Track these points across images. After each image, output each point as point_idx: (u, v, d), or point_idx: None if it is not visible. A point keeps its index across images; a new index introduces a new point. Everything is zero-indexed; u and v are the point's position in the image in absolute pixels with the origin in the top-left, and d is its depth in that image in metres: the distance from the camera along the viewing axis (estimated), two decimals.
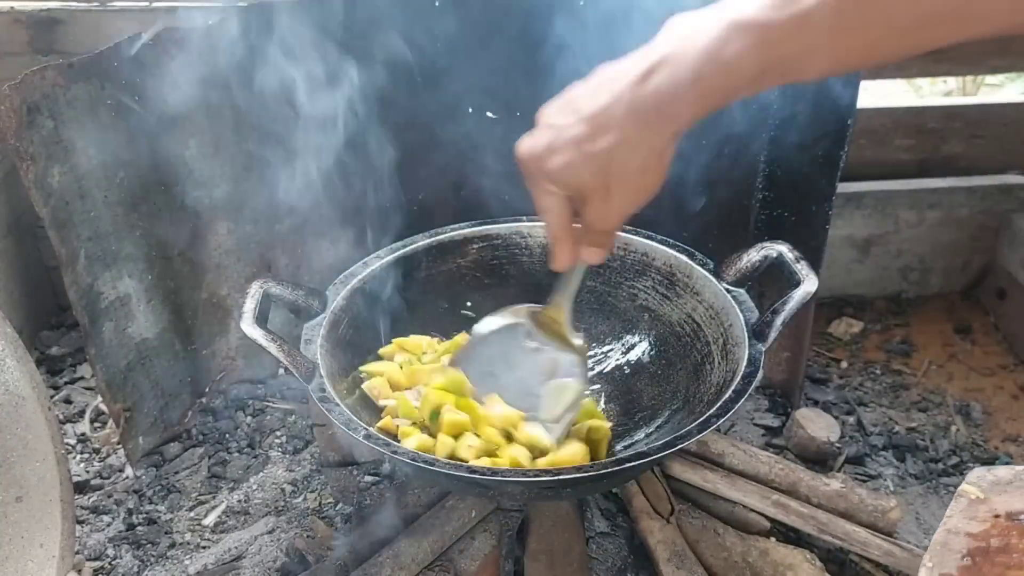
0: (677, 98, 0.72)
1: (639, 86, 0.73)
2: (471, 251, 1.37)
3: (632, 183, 0.79)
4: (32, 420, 1.01)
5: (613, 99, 0.75)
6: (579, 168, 0.78)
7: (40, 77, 1.12)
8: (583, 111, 0.77)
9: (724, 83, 0.70)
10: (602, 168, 0.77)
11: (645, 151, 0.76)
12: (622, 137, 0.75)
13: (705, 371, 1.15)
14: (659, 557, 1.14)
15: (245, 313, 1.06)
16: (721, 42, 0.68)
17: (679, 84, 0.71)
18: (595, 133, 0.76)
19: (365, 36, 1.35)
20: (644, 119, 0.74)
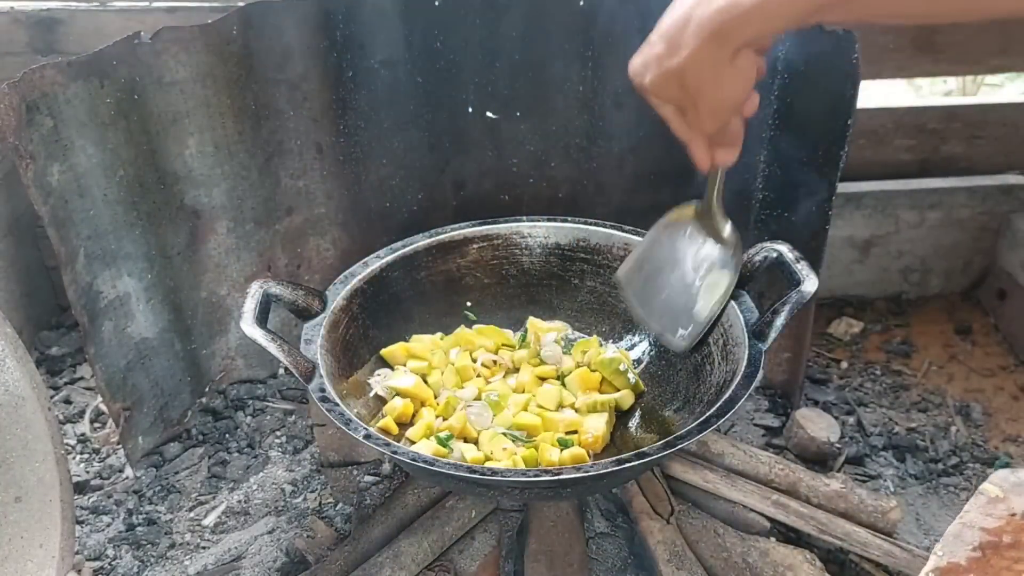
0: (739, 16, 0.74)
1: (704, 3, 0.76)
2: (471, 251, 1.37)
3: (710, 92, 0.83)
4: (32, 420, 1.00)
5: (682, 16, 0.79)
6: (663, 84, 0.84)
7: (39, 76, 1.12)
8: (663, 28, 0.82)
9: (784, 6, 0.72)
10: (680, 82, 0.82)
11: (713, 64, 0.79)
12: (690, 54, 0.79)
13: (705, 371, 1.15)
14: (659, 557, 1.14)
15: (245, 313, 1.06)
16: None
17: (740, 3, 0.73)
18: (670, 50, 0.81)
19: (365, 36, 1.35)
20: (707, 36, 0.77)
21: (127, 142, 1.25)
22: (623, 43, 1.37)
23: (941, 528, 1.34)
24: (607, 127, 1.45)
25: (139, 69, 1.22)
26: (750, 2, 0.73)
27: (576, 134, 1.47)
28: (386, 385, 1.20)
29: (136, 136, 1.26)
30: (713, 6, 0.76)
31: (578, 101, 1.43)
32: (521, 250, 1.38)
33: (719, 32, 0.76)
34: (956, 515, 1.35)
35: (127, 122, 1.24)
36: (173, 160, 1.32)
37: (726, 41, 0.77)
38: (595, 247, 1.34)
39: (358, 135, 1.44)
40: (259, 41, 1.30)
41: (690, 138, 0.93)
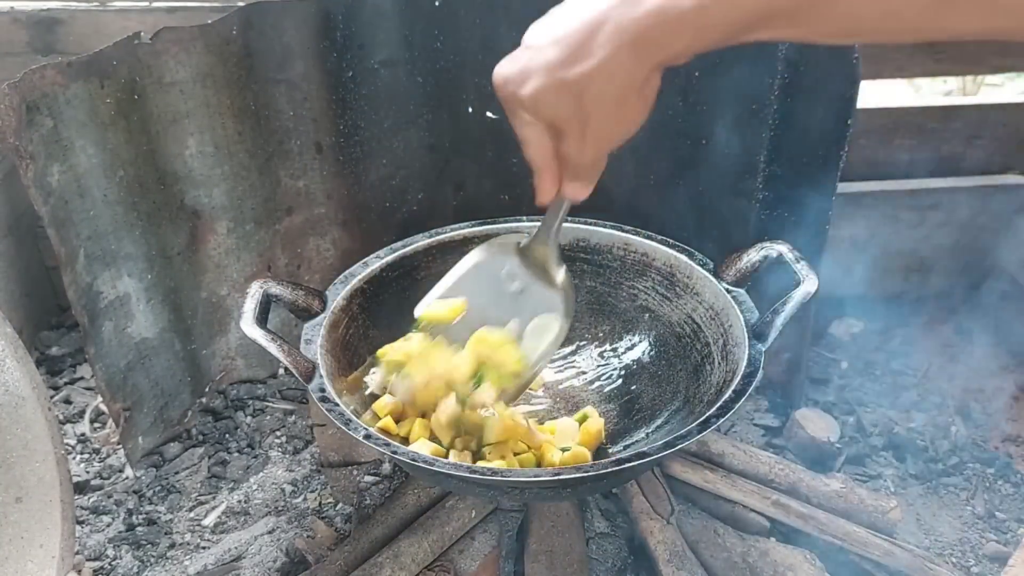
0: (671, 22, 0.63)
1: (627, 4, 0.64)
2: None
3: (610, 115, 0.71)
4: (32, 420, 1.00)
5: (594, 18, 0.66)
6: (552, 96, 0.70)
7: (39, 76, 1.12)
8: (560, 31, 0.69)
9: (728, 14, 0.61)
10: (576, 97, 0.69)
11: (625, 79, 0.68)
12: (600, 63, 0.67)
13: (705, 371, 1.15)
14: (659, 557, 1.14)
15: (245, 313, 1.06)
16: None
17: (677, 6, 0.62)
18: (571, 57, 0.68)
19: (365, 36, 1.35)
20: (628, 43, 0.65)
21: (127, 142, 1.25)
22: None
23: (941, 528, 1.35)
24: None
25: (139, 69, 1.22)
26: (686, 8, 0.62)
27: None
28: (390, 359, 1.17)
29: (136, 136, 1.26)
30: (639, 9, 0.64)
31: None
32: None
33: (642, 42, 0.65)
34: (956, 515, 1.36)
35: (127, 122, 1.24)
36: (173, 160, 1.32)
37: (648, 54, 0.66)
38: (595, 247, 1.34)
39: (358, 135, 1.44)
40: (259, 41, 1.30)
41: (546, 164, 0.79)
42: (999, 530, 1.35)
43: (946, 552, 1.31)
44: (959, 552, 1.31)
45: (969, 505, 1.40)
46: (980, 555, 1.30)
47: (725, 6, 0.61)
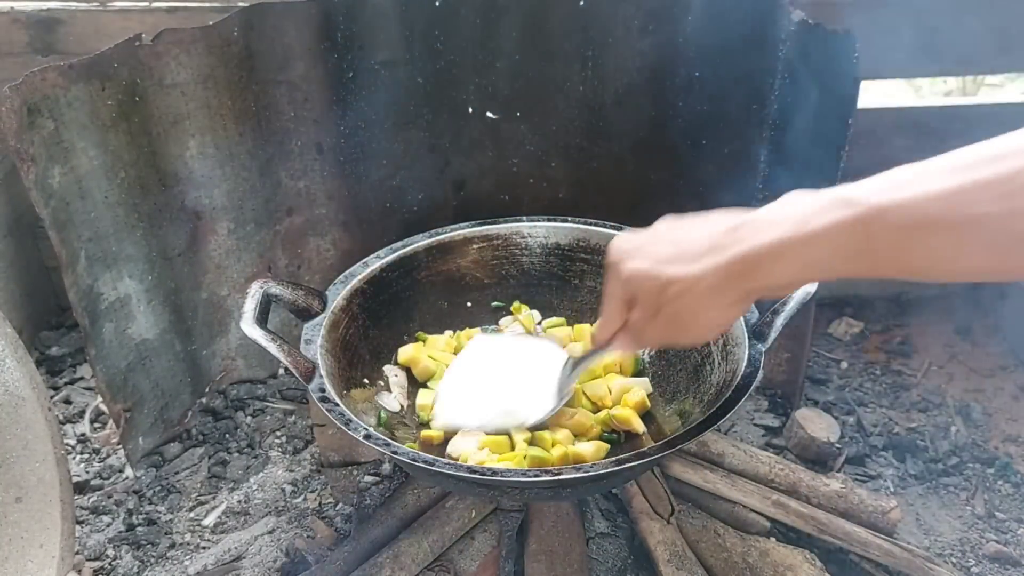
0: (753, 256, 0.70)
1: (726, 234, 0.73)
2: (471, 251, 1.37)
3: (685, 320, 0.80)
4: (32, 420, 1.01)
5: (709, 236, 0.75)
6: (643, 282, 0.81)
7: (40, 78, 1.12)
8: (680, 234, 0.80)
9: (805, 253, 0.67)
10: (661, 289, 0.79)
11: (708, 295, 0.76)
12: (693, 272, 0.75)
13: (705, 371, 1.15)
14: (659, 558, 1.14)
15: (245, 313, 1.06)
16: (817, 211, 0.66)
17: (759, 242, 0.70)
18: (675, 257, 0.78)
19: (366, 36, 1.35)
20: (724, 266, 0.73)
21: (128, 144, 1.25)
22: (623, 43, 1.37)
23: (941, 528, 1.35)
24: (607, 127, 1.45)
25: (140, 71, 1.22)
26: (769, 240, 0.69)
27: (576, 134, 1.47)
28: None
29: (137, 138, 1.26)
30: (747, 245, 0.71)
31: (578, 101, 1.44)
32: (521, 250, 1.38)
33: (738, 268, 0.72)
34: (956, 515, 1.36)
35: (128, 124, 1.24)
36: (174, 162, 1.32)
37: (743, 285, 0.74)
38: (595, 247, 1.34)
39: (358, 135, 1.44)
40: (260, 42, 1.30)
41: (612, 321, 0.89)
42: (999, 530, 1.35)
43: (946, 552, 1.31)
44: (959, 552, 1.31)
45: (969, 505, 1.40)
46: (980, 555, 1.30)
47: (803, 244, 0.67)
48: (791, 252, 0.68)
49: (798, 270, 0.70)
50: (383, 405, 1.21)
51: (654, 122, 1.42)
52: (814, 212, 0.66)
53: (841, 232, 0.64)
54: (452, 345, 1.30)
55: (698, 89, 1.37)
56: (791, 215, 0.68)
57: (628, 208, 1.45)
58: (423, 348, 1.29)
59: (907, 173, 0.63)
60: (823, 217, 0.65)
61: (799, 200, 0.70)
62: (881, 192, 0.63)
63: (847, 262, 0.66)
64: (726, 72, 1.34)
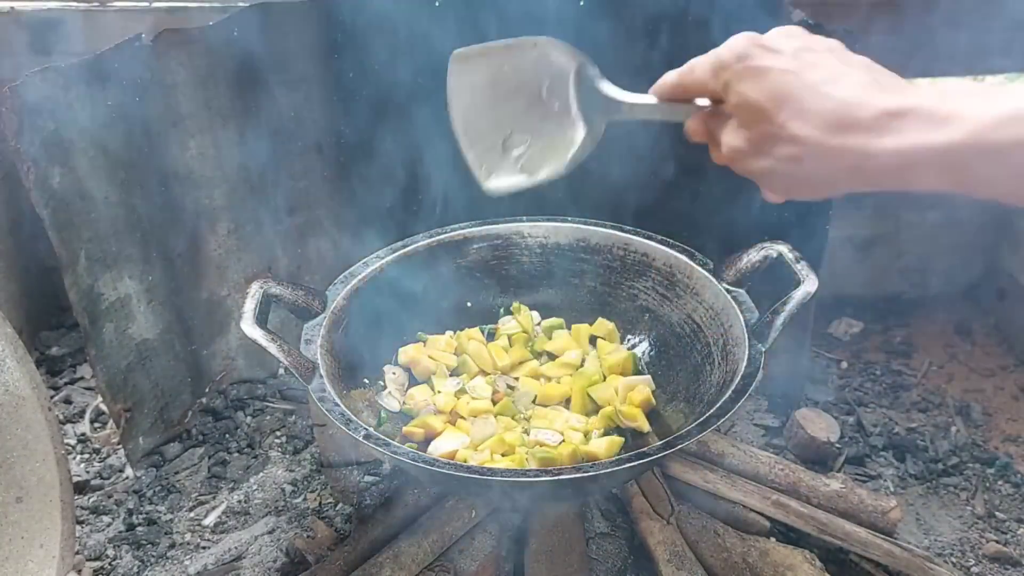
0: (912, 156, 0.61)
1: (882, 118, 0.62)
2: (471, 251, 1.37)
3: (778, 178, 0.68)
4: (32, 420, 1.01)
5: (845, 99, 0.64)
6: (755, 103, 0.67)
7: (41, 78, 1.12)
8: (815, 81, 0.65)
9: (975, 166, 0.59)
10: (776, 142, 0.66)
11: (830, 179, 0.66)
12: (807, 143, 0.64)
13: (705, 371, 1.15)
14: (659, 557, 1.14)
15: (245, 313, 1.06)
16: (998, 121, 0.58)
17: (925, 142, 0.60)
18: (806, 113, 0.65)
19: (366, 36, 1.35)
20: (867, 156, 0.62)
21: (128, 144, 1.25)
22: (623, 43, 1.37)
23: (941, 528, 1.35)
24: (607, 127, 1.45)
25: (140, 71, 1.22)
26: (953, 168, 0.60)
27: None
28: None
29: (137, 138, 1.26)
30: (910, 141, 0.60)
31: None
32: (521, 250, 1.38)
33: (889, 171, 0.62)
34: (956, 515, 1.36)
35: (128, 124, 1.24)
36: (174, 162, 1.32)
37: (883, 180, 0.64)
38: (595, 247, 1.35)
39: (358, 136, 1.44)
40: (259, 43, 1.30)
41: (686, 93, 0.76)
42: (999, 530, 1.35)
43: (946, 552, 1.31)
44: (959, 552, 1.31)
45: (969, 505, 1.40)
46: (980, 555, 1.30)
47: (978, 160, 0.59)
48: (957, 162, 0.59)
49: (952, 182, 0.61)
50: (383, 405, 1.21)
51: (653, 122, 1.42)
52: (997, 121, 0.58)
53: (1017, 153, 0.56)
54: (452, 345, 1.31)
55: None
56: (966, 116, 0.59)
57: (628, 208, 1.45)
58: (423, 348, 1.29)
59: None
60: (1009, 130, 0.57)
61: (973, 97, 0.60)
62: None
63: (1015, 182, 0.59)
64: None
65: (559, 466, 1.06)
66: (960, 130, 0.59)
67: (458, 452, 1.12)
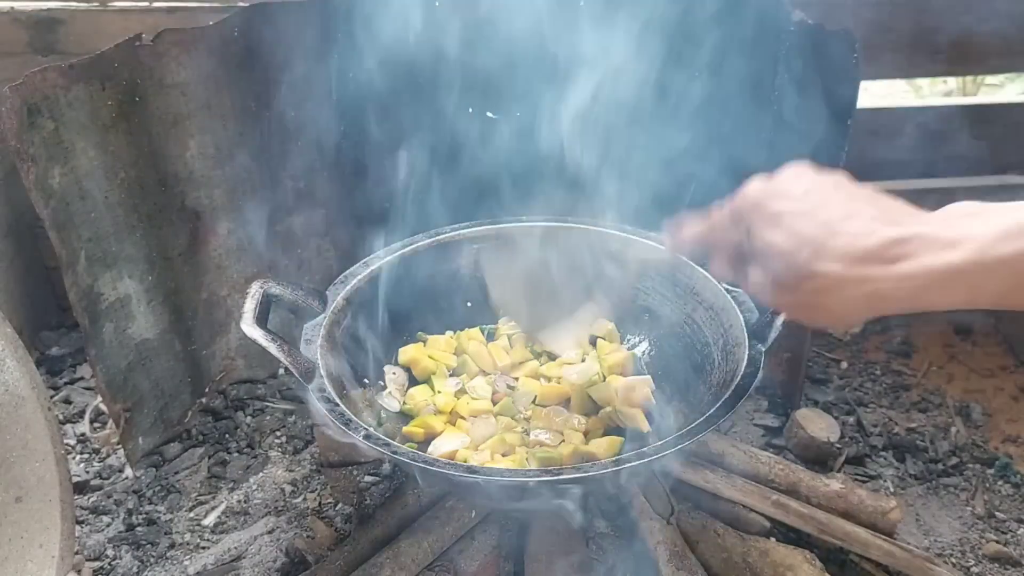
0: (922, 279, 0.65)
1: (892, 246, 0.66)
2: (471, 251, 1.37)
3: (810, 310, 0.74)
4: (32, 420, 1.01)
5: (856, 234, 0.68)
6: (779, 259, 0.73)
7: (41, 78, 1.12)
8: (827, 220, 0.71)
9: (983, 282, 0.63)
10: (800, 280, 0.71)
11: (852, 307, 0.70)
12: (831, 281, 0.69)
13: (705, 371, 1.15)
14: (659, 557, 1.14)
15: (245, 313, 1.06)
16: (1002, 235, 0.61)
17: (933, 265, 0.64)
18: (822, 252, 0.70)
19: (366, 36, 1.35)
20: (880, 283, 0.67)
21: (128, 144, 1.25)
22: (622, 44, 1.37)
23: (941, 528, 1.35)
24: (607, 127, 1.45)
25: (140, 71, 1.22)
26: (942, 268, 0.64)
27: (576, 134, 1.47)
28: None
29: (137, 138, 1.26)
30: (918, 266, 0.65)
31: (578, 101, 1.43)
32: None
33: (902, 295, 0.66)
34: (956, 515, 1.36)
35: (128, 124, 1.24)
36: (174, 162, 1.32)
37: (899, 304, 0.68)
38: None
39: (358, 135, 1.44)
40: (260, 42, 1.30)
41: (716, 244, 0.85)
42: (999, 530, 1.35)
43: (946, 552, 1.31)
44: (959, 552, 1.31)
45: (969, 505, 1.40)
46: (980, 555, 1.30)
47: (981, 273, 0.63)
48: (967, 279, 0.63)
49: (965, 298, 0.65)
50: (383, 405, 1.21)
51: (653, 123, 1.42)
52: (998, 237, 0.62)
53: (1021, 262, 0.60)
54: (452, 345, 1.31)
55: (697, 90, 1.37)
56: (970, 237, 0.63)
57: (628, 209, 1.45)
58: (423, 348, 1.29)
59: None
60: (1011, 244, 0.61)
61: (976, 219, 0.64)
62: None
63: (1014, 291, 0.62)
64: (726, 72, 1.34)
65: (559, 466, 1.06)
66: (966, 250, 0.63)
67: (458, 452, 1.12)
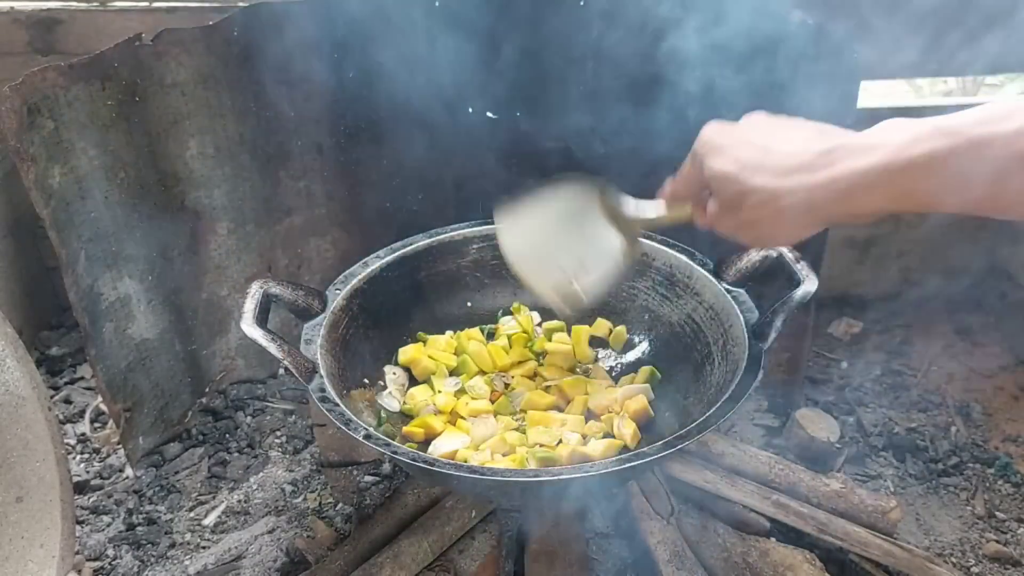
0: (844, 181, 0.70)
1: (819, 156, 0.73)
2: (471, 251, 1.37)
3: (756, 227, 0.80)
4: (32, 420, 1.01)
5: (798, 155, 0.74)
6: (727, 180, 0.80)
7: (41, 78, 1.12)
8: (770, 141, 0.78)
9: (899, 182, 0.68)
10: (740, 194, 0.78)
11: (788, 217, 0.76)
12: (775, 189, 0.75)
13: (705, 371, 1.15)
14: (659, 557, 1.14)
15: (245, 313, 1.06)
16: (914, 139, 0.66)
17: (853, 167, 0.70)
18: (757, 168, 0.77)
19: (366, 36, 1.35)
20: (808, 189, 0.73)
21: (128, 144, 1.25)
22: (623, 42, 1.37)
23: (941, 528, 1.35)
24: (608, 127, 1.45)
25: (140, 71, 1.22)
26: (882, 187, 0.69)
27: (576, 134, 1.47)
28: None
29: (137, 138, 1.26)
30: (840, 169, 0.71)
31: (578, 101, 1.43)
32: None
33: (829, 199, 0.72)
34: (956, 515, 1.36)
35: (128, 124, 1.24)
36: (174, 162, 1.32)
37: (828, 209, 0.73)
38: None
39: (358, 135, 1.44)
40: (260, 42, 1.30)
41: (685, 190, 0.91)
42: (999, 530, 1.35)
43: (946, 552, 1.31)
44: (959, 552, 1.31)
45: (969, 505, 1.40)
46: (980, 555, 1.30)
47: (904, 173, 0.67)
48: (885, 180, 0.68)
49: (888, 199, 0.69)
50: (383, 405, 1.21)
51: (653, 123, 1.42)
52: (912, 140, 0.66)
53: (939, 162, 0.64)
54: (452, 345, 1.31)
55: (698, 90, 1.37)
56: (887, 142, 0.68)
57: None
58: (423, 348, 1.29)
59: (1002, 108, 0.63)
60: (921, 146, 0.65)
61: (895, 127, 0.69)
62: (981, 124, 0.63)
63: (939, 194, 0.66)
64: (726, 72, 1.33)
65: (559, 466, 1.06)
66: (881, 153, 0.68)
67: (459, 452, 1.12)
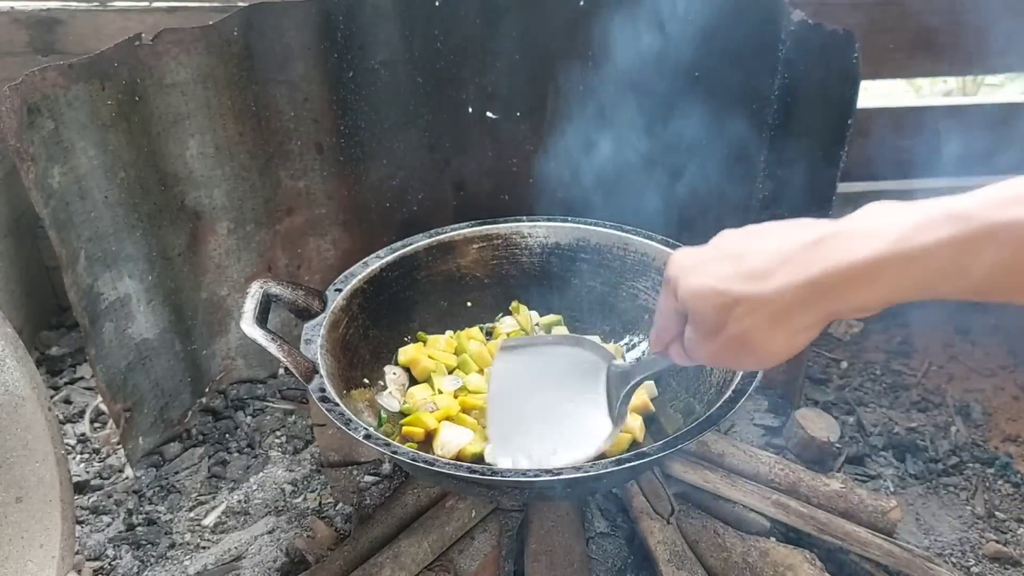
0: (842, 274, 0.64)
1: (806, 249, 0.66)
2: (471, 251, 1.37)
3: (753, 345, 0.71)
4: (32, 420, 1.01)
5: (782, 251, 0.68)
6: (705, 301, 0.72)
7: (40, 78, 1.12)
8: (747, 248, 0.72)
9: (906, 272, 0.61)
10: (729, 311, 0.71)
11: (781, 323, 0.69)
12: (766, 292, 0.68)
13: (705, 371, 1.15)
14: (659, 558, 1.14)
15: (245, 313, 1.06)
16: (920, 225, 0.61)
17: (851, 258, 0.63)
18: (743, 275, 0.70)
19: (366, 36, 1.35)
20: (802, 285, 0.66)
21: (128, 144, 1.25)
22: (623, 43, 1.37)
23: (941, 528, 1.35)
24: (607, 127, 1.45)
25: (140, 71, 1.22)
26: (863, 258, 0.63)
27: (576, 134, 1.47)
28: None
29: (137, 138, 1.26)
30: (834, 261, 0.64)
31: (578, 101, 1.44)
32: (521, 250, 1.38)
33: (826, 294, 0.65)
34: (956, 515, 1.36)
35: (128, 124, 1.24)
36: (174, 161, 1.32)
37: (825, 307, 0.66)
38: (595, 247, 1.35)
39: (358, 135, 1.44)
40: (260, 42, 1.30)
41: (668, 334, 0.82)
42: (999, 530, 1.35)
43: (946, 552, 1.31)
44: (959, 552, 1.31)
45: (969, 505, 1.40)
46: (980, 555, 1.30)
47: (902, 262, 0.62)
48: (889, 270, 0.62)
49: (893, 290, 0.63)
50: (383, 405, 1.21)
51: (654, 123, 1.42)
52: (917, 226, 0.61)
53: (951, 250, 0.59)
54: (452, 345, 1.31)
55: (698, 89, 1.37)
56: (888, 229, 0.62)
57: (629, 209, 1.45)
58: (423, 348, 1.29)
59: (1013, 190, 0.59)
60: (930, 233, 0.60)
61: (892, 213, 0.64)
62: (996, 208, 0.58)
63: (950, 282, 0.61)
64: (726, 72, 1.34)
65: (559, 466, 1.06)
66: (884, 239, 0.62)
67: (464, 448, 1.12)
